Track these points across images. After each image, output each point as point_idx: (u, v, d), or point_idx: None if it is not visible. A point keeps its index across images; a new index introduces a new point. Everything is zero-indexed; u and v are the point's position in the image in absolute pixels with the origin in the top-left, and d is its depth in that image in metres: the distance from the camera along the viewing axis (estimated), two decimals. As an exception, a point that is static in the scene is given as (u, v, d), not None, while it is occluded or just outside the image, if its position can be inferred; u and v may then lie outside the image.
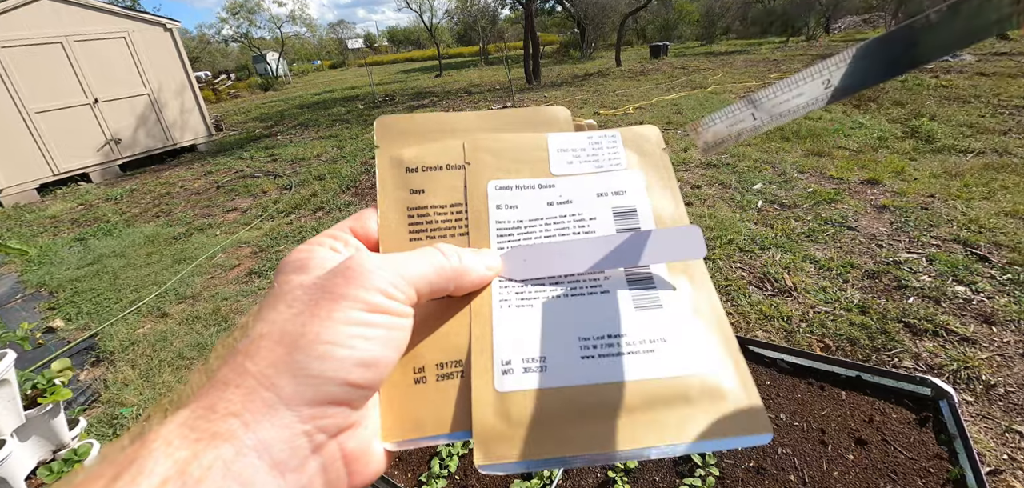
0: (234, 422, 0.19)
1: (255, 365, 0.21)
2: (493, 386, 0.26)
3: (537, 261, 0.31)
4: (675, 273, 0.30)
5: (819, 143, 4.87)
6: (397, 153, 0.35)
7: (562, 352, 0.27)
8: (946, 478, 1.11)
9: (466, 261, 0.29)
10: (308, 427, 0.21)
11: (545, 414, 0.25)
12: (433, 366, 0.28)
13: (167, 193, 6.21)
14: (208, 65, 34.96)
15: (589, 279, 0.30)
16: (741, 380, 0.26)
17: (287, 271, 0.26)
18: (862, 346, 2.12)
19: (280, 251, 3.90)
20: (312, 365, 0.21)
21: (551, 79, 13.10)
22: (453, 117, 0.37)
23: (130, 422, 2.17)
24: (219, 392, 0.20)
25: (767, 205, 3.65)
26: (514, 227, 0.33)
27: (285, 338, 0.22)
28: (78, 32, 7.25)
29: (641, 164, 0.36)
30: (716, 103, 7.37)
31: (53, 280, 3.86)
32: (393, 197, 0.33)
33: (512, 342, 0.28)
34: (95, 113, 7.54)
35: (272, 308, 0.23)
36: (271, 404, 0.20)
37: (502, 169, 0.35)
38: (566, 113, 0.39)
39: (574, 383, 0.26)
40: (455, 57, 32.12)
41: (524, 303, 0.29)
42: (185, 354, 2.67)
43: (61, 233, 5.11)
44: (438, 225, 0.33)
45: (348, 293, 0.23)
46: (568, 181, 0.35)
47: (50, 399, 1.58)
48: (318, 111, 12.04)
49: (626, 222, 0.33)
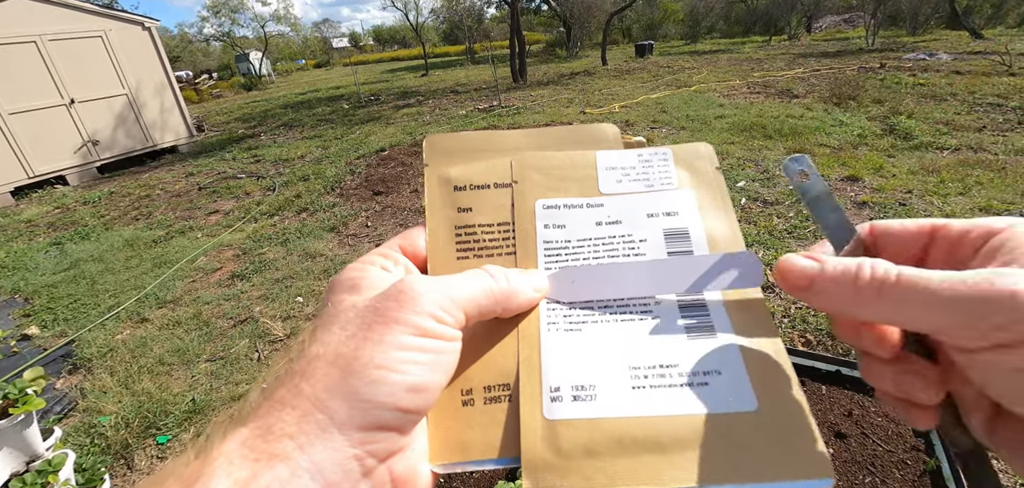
0: (289, 444, 0.20)
1: (310, 387, 0.21)
2: (542, 413, 0.26)
3: (585, 283, 0.30)
4: (730, 299, 0.29)
5: (801, 141, 4.95)
6: (445, 171, 0.35)
7: (612, 381, 0.27)
8: (923, 469, 1.14)
9: (514, 283, 0.29)
10: (359, 451, 0.21)
11: (595, 446, 0.25)
12: (481, 389, 0.27)
13: (147, 195, 6.08)
14: (189, 64, 34.32)
15: (639, 304, 0.30)
16: (801, 418, 0.25)
17: (340, 290, 0.27)
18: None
19: (263, 253, 3.84)
20: (364, 390, 0.21)
21: (537, 78, 13.12)
22: (500, 135, 0.37)
23: (108, 430, 2.12)
24: (277, 412, 0.21)
25: (750, 202, 3.70)
26: (562, 247, 0.32)
27: (339, 361, 0.22)
28: (52, 31, 7.07)
29: (693, 183, 0.35)
30: (700, 102, 7.45)
31: (28, 286, 3.76)
32: (442, 215, 0.33)
33: (561, 367, 0.27)
34: (71, 114, 7.36)
35: (327, 329, 0.24)
36: (325, 427, 0.21)
37: (550, 188, 0.35)
38: (615, 130, 0.38)
39: (624, 414, 0.25)
40: (441, 56, 31.98)
41: (572, 327, 0.29)
42: (165, 360, 2.62)
43: (37, 237, 4.98)
44: (486, 244, 0.33)
45: (400, 317, 0.23)
46: (617, 200, 0.34)
47: (22, 409, 1.54)
48: (302, 111, 11.90)
49: (678, 245, 0.32)
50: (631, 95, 8.75)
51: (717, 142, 5.21)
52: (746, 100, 7.29)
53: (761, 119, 5.88)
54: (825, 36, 19.40)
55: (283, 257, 3.75)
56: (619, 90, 9.60)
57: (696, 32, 23.27)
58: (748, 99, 7.35)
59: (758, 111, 6.39)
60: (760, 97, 7.42)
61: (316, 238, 4.02)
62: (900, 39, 14.35)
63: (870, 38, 13.43)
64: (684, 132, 5.84)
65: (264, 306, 3.04)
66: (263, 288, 3.29)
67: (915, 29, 15.81)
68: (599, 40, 17.91)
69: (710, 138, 5.39)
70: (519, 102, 9.38)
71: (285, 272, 3.47)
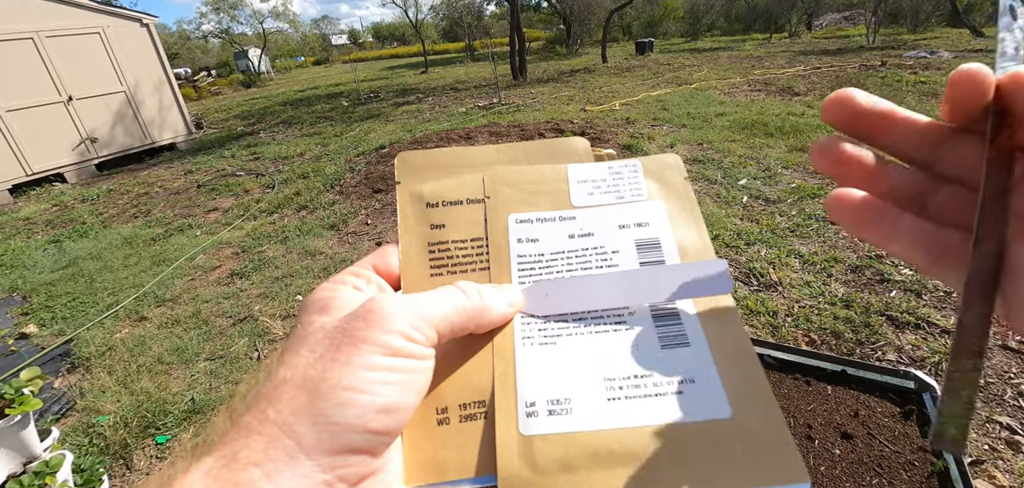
0: (256, 472, 0.19)
1: (277, 412, 0.21)
2: (517, 429, 0.26)
3: (559, 296, 0.30)
4: (702, 307, 0.30)
5: (803, 139, 4.93)
6: (417, 188, 0.35)
7: (587, 393, 0.27)
8: (931, 471, 1.12)
9: (487, 298, 0.28)
10: (328, 477, 0.21)
11: (571, 461, 0.25)
12: (456, 407, 0.27)
13: (146, 193, 6.06)
14: (188, 61, 34.21)
15: (613, 315, 0.30)
16: (775, 425, 0.25)
17: (310, 311, 0.26)
18: (846, 340, 2.15)
19: (262, 251, 3.82)
20: (332, 412, 0.21)
21: (537, 75, 13.08)
22: (472, 151, 0.37)
23: (107, 430, 2.11)
24: (243, 440, 0.20)
25: (752, 201, 3.68)
26: (535, 261, 0.32)
27: (307, 384, 0.22)
28: (50, 27, 7.03)
29: (663, 193, 0.35)
30: (701, 99, 7.42)
31: (26, 284, 3.74)
32: (414, 233, 0.33)
33: (536, 382, 0.27)
34: (69, 111, 7.33)
35: (295, 352, 0.23)
36: (292, 454, 0.20)
37: (522, 202, 0.35)
38: (585, 143, 0.39)
39: (600, 427, 0.25)
40: (441, 53, 31.90)
41: (547, 340, 0.29)
42: (164, 359, 2.60)
43: (35, 235, 4.96)
44: (459, 260, 0.32)
45: (368, 337, 0.23)
46: (589, 213, 0.34)
47: (19, 410, 1.52)
48: (301, 108, 11.86)
49: (650, 255, 0.32)
50: (632, 93, 8.72)
51: (718, 140, 5.19)
52: (747, 98, 7.27)
53: (762, 117, 5.86)
54: (826, 33, 19.37)
55: (283, 255, 3.73)
56: (619, 88, 9.57)
57: (696, 29, 23.24)
58: (749, 97, 7.33)
59: (759, 109, 6.38)
60: (761, 95, 7.40)
61: (316, 236, 4.00)
62: (901, 37, 14.32)
63: (871, 36, 13.41)
64: (685, 130, 5.82)
65: (264, 304, 3.03)
66: (263, 286, 3.27)
67: (916, 27, 15.78)
68: (599, 37, 17.89)
69: (711, 136, 5.37)
70: (519, 99, 9.35)
71: (285, 270, 3.46)
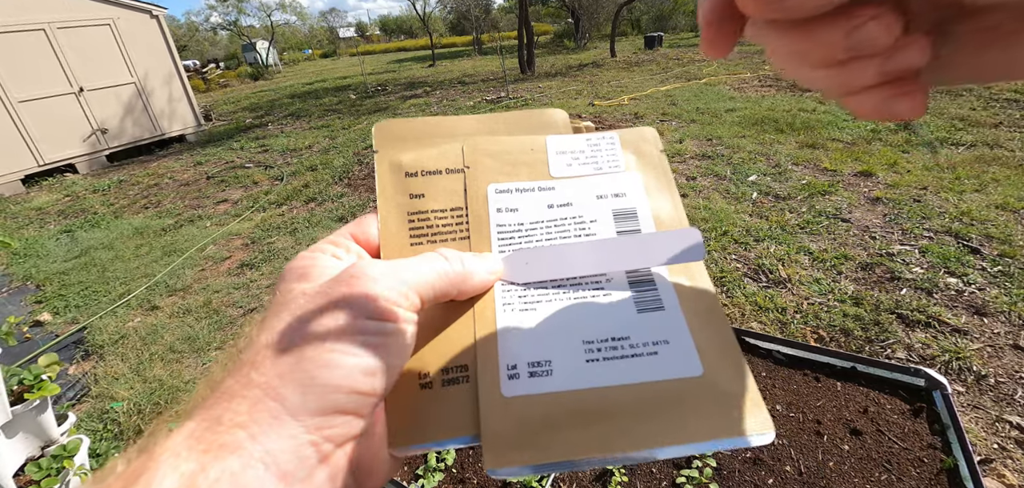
0: (240, 433, 0.19)
1: (261, 375, 0.21)
2: (500, 391, 0.26)
3: (539, 264, 0.31)
4: (675, 274, 0.31)
5: (813, 135, 4.89)
6: (396, 158, 0.35)
7: (567, 356, 0.27)
8: (940, 468, 1.12)
9: (469, 265, 0.29)
10: (314, 437, 0.21)
11: (552, 419, 0.25)
12: (438, 372, 0.28)
13: (156, 184, 6.11)
14: (196, 54, 34.40)
15: (591, 281, 0.31)
16: (743, 381, 0.26)
17: (289, 279, 0.26)
18: (856, 337, 2.14)
19: (272, 243, 3.86)
20: (318, 373, 0.21)
21: (545, 69, 13.02)
22: (451, 121, 0.37)
23: (121, 416, 2.15)
24: (225, 403, 0.20)
25: (762, 197, 3.66)
26: (515, 230, 0.33)
27: (291, 347, 0.22)
28: (61, 18, 7.09)
29: (639, 166, 0.36)
30: (711, 94, 7.37)
31: (40, 273, 3.80)
32: (393, 202, 0.34)
33: (517, 346, 0.28)
34: (81, 102, 7.40)
35: (276, 317, 0.23)
36: (277, 415, 0.20)
37: (502, 172, 0.35)
38: (564, 115, 0.39)
39: (579, 386, 0.26)
40: (448, 47, 31.83)
41: (527, 307, 0.30)
42: (176, 347, 2.64)
43: (47, 225, 5.03)
44: (439, 229, 0.33)
45: (353, 299, 0.23)
46: (568, 183, 0.35)
47: (37, 395, 1.55)
48: (309, 101, 11.89)
49: (626, 224, 0.33)
50: (640, 87, 8.67)
51: (727, 136, 5.16)
52: (757, 93, 7.21)
53: (772, 112, 5.81)
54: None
55: (292, 246, 3.76)
56: (628, 82, 9.52)
57: (705, 24, 22.96)
58: (759, 92, 7.26)
59: (769, 104, 6.32)
60: (771, 90, 7.33)
61: (325, 228, 4.02)
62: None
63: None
64: (694, 125, 5.78)
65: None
66: (272, 277, 3.30)
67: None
68: (608, 32, 17.75)
69: (721, 131, 5.33)
70: (527, 93, 9.32)
71: (293, 262, 3.48)
